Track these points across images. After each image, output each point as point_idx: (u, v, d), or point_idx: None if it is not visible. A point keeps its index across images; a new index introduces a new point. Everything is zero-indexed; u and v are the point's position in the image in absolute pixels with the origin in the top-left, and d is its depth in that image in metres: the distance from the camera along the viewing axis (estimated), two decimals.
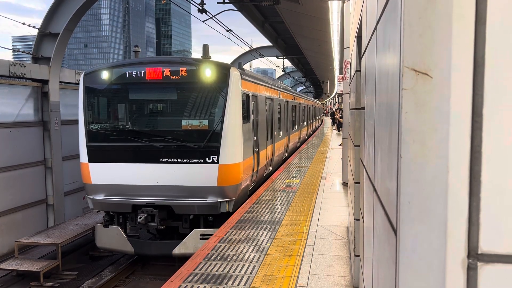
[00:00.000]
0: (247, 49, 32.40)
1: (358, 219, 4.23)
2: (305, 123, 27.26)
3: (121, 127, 9.38)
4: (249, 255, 6.03)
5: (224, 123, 8.50)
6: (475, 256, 1.03)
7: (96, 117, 9.42)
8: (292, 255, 6.03)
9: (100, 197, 9.08)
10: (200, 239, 8.39)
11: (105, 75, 9.15)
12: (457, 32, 1.01)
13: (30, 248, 10.68)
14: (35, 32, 12.94)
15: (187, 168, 8.60)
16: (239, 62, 12.20)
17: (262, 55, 35.67)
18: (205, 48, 10.19)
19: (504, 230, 1.01)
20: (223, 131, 8.49)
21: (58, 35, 12.60)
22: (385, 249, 1.59)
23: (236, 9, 17.28)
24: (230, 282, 5.13)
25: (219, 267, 5.62)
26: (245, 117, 9.52)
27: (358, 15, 3.92)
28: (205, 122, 8.75)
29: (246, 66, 35.25)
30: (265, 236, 6.90)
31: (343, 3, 11.00)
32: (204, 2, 13.75)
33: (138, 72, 8.94)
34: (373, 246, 2.16)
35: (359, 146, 4.31)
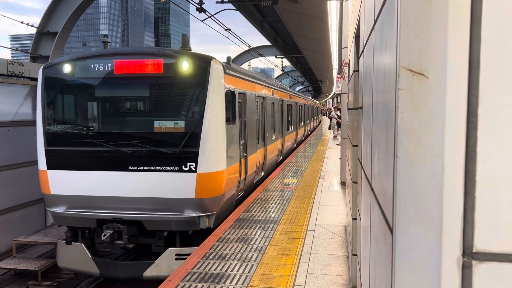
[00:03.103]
0: (246, 48, 32.41)
1: (356, 219, 4.24)
2: (302, 123, 25.88)
3: (84, 129, 8.08)
4: (247, 254, 6.04)
5: (203, 125, 7.30)
6: (470, 255, 1.04)
7: (56, 117, 8.13)
8: (290, 254, 6.04)
9: (61, 210, 7.86)
10: (176, 259, 7.33)
11: (67, 68, 7.93)
12: (452, 33, 1.02)
13: (28, 247, 10.68)
14: (33, 30, 12.95)
15: (160, 177, 7.42)
16: (228, 56, 11.15)
17: (260, 55, 35.68)
18: (184, 38, 9.01)
19: (499, 229, 1.02)
20: (202, 133, 7.29)
21: (57, 34, 12.60)
22: (381, 248, 1.60)
23: (235, 8, 17.28)
24: (228, 281, 5.14)
25: (217, 266, 5.63)
26: (230, 118, 8.43)
27: (356, 15, 3.93)
28: (181, 124, 7.53)
29: (245, 66, 35.21)
30: (263, 235, 6.91)
31: (341, 3, 11.01)
32: (203, 1, 13.75)
33: (105, 65, 7.76)
34: (370, 245, 2.18)
35: (357, 145, 4.32)
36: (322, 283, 5.11)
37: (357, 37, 4.09)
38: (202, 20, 14.86)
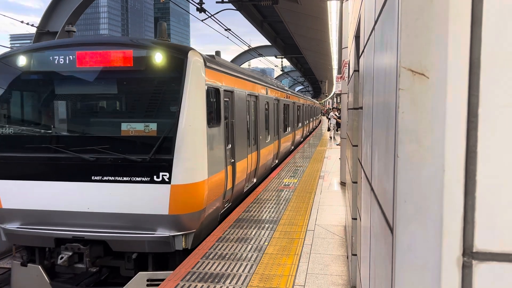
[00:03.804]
0: (246, 48, 32.43)
1: (356, 218, 4.24)
2: (300, 124, 24.58)
3: (40, 131, 6.91)
4: (247, 254, 6.04)
5: (179, 127, 6.17)
6: (470, 255, 1.04)
7: (6, 117, 6.97)
8: (289, 254, 6.04)
9: (14, 226, 6.74)
10: (147, 285, 6.35)
11: (22, 61, 6.81)
12: (453, 33, 1.02)
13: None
14: (33, 30, 12.97)
15: (128, 190, 6.29)
16: (216, 50, 10.07)
17: (260, 55, 35.71)
18: (161, 27, 7.66)
19: (499, 228, 1.03)
20: (177, 138, 6.17)
21: (57, 33, 12.60)
22: (381, 248, 1.60)
23: (235, 8, 17.29)
24: (228, 281, 5.14)
25: (217, 266, 5.63)
26: (213, 119, 7.38)
27: (356, 15, 3.93)
28: (153, 126, 6.41)
29: (245, 66, 35.19)
30: (263, 235, 6.91)
31: (341, 3, 11.01)
32: (203, 1, 13.75)
33: (66, 57, 6.63)
34: (370, 245, 2.18)
35: (357, 145, 4.32)
36: (322, 283, 5.11)
37: (357, 37, 4.09)
38: (202, 20, 14.86)
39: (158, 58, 6.42)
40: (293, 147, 21.06)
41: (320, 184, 11.41)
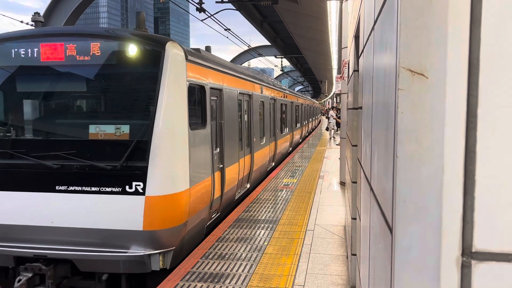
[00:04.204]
0: (246, 48, 32.45)
1: (355, 218, 4.25)
2: (298, 125, 23.64)
3: None
4: (247, 254, 6.04)
5: (154, 130, 5.45)
6: (469, 255, 1.04)
7: None
8: (289, 254, 6.04)
9: None
10: None
11: None
12: (452, 34, 1.02)
13: None
14: None
15: (97, 201, 5.55)
16: (206, 46, 9.36)
17: (260, 55, 35.73)
18: (139, 17, 6.76)
19: (498, 228, 1.03)
20: (153, 142, 5.43)
21: None
22: (381, 247, 1.60)
23: (235, 8, 17.29)
24: (228, 281, 5.14)
25: (217, 265, 5.63)
26: (197, 120, 6.62)
27: (356, 15, 3.93)
28: (125, 129, 5.64)
29: (244, 65, 35.23)
30: (262, 235, 6.91)
31: (341, 3, 11.01)
32: (203, 1, 13.75)
33: (30, 49, 5.88)
34: (369, 245, 2.18)
35: (356, 145, 4.33)
36: (321, 282, 5.11)
37: (356, 37, 4.10)
38: (202, 20, 14.86)
39: (132, 50, 5.69)
40: (291, 149, 20.35)
41: (320, 184, 11.41)
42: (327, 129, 29.33)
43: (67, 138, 5.92)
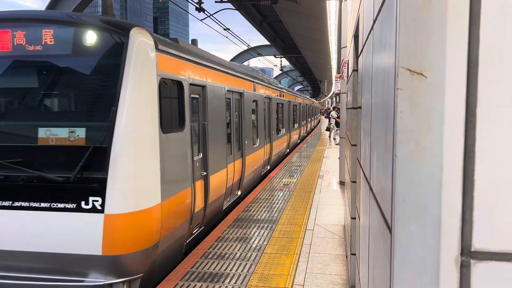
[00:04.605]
0: (245, 48, 32.45)
1: (355, 218, 4.25)
2: (296, 125, 22.62)
3: None
4: (246, 254, 6.04)
5: (116, 134, 4.56)
6: (468, 254, 1.04)
7: None
8: (289, 253, 6.04)
9: None
10: None
11: None
12: (451, 33, 1.02)
13: None
14: None
15: (47, 220, 4.64)
16: (193, 39, 8.72)
17: (260, 54, 35.74)
18: (106, 2, 5.82)
19: (497, 228, 1.03)
20: (113, 148, 4.55)
21: None
22: (380, 247, 1.60)
23: (234, 8, 17.29)
24: (227, 281, 5.14)
25: (216, 265, 5.64)
26: (172, 121, 5.66)
27: (355, 14, 3.94)
28: (81, 132, 4.75)
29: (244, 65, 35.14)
30: (262, 235, 6.91)
31: (340, 2, 11.01)
32: (202, 1, 13.75)
33: None
34: (369, 244, 2.18)
35: (355, 145, 4.33)
36: (321, 282, 5.12)
37: (356, 36, 4.10)
38: (201, 20, 14.86)
39: (90, 38, 4.84)
40: (288, 150, 19.36)
41: (319, 184, 11.41)
42: (327, 129, 28.74)
43: (11, 143, 4.91)
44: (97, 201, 4.57)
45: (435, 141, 1.07)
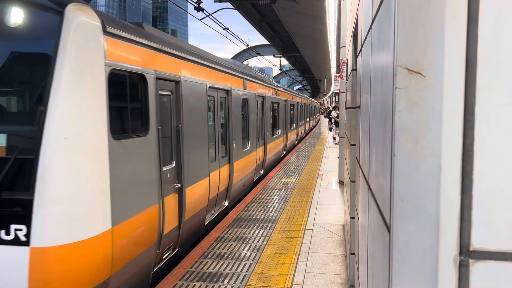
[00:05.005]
0: (244, 47, 32.43)
1: (354, 217, 4.25)
2: (294, 125, 21.50)
3: None
4: (245, 254, 6.04)
5: (44, 141, 3.56)
6: (467, 253, 1.04)
7: None
8: (288, 253, 6.04)
9: None
10: None
11: None
12: (449, 32, 1.02)
13: None
14: None
15: None
16: (172, 29, 7.97)
17: (259, 54, 35.72)
18: None
19: (496, 227, 1.03)
20: (41, 160, 3.54)
21: None
22: (379, 246, 1.60)
23: (233, 7, 17.28)
24: (226, 280, 5.14)
25: (216, 265, 5.63)
26: (131, 124, 4.62)
27: (354, 14, 3.93)
28: (0, 139, 3.73)
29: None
30: (261, 235, 6.91)
31: (339, 2, 11.01)
32: (201, 0, 13.74)
33: None
34: (368, 244, 2.18)
35: (355, 144, 4.33)
36: (320, 282, 5.12)
37: (355, 36, 4.09)
38: (200, 19, 14.84)
39: (15, 16, 3.80)
40: (285, 152, 18.25)
41: (319, 183, 11.41)
42: (330, 129, 28.26)
43: None
44: (20, 230, 3.51)
45: (433, 140, 1.06)
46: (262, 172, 12.76)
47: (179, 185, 5.95)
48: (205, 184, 7.09)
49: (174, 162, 5.93)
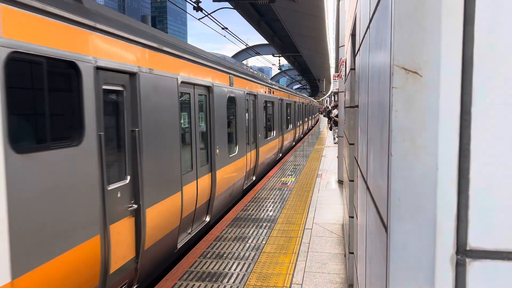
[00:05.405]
0: (243, 47, 32.42)
1: (353, 217, 4.25)
2: (291, 126, 20.11)
3: None
4: (245, 253, 6.04)
5: None
6: (463, 253, 1.04)
7: None
8: (287, 252, 6.05)
9: None
10: None
11: None
12: (446, 32, 1.02)
13: None
14: None
15: None
16: (142, 15, 6.98)
17: (258, 53, 35.73)
18: None
19: (492, 226, 1.03)
20: None
21: None
22: (376, 246, 1.60)
23: (232, 7, 17.28)
24: (226, 280, 5.15)
25: (215, 265, 5.63)
26: (50, 131, 3.46)
27: (352, 13, 3.93)
28: None
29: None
30: (260, 234, 6.92)
31: (338, 1, 11.01)
32: (200, 0, 13.73)
33: None
34: (366, 243, 2.18)
35: (353, 144, 4.33)
36: (319, 281, 5.12)
37: (353, 35, 4.09)
38: (199, 19, 14.84)
39: None
40: (281, 155, 16.99)
41: (318, 183, 11.42)
42: (331, 128, 28.05)
43: None
44: None
45: (430, 139, 1.07)
46: (254, 178, 11.55)
47: (135, 206, 4.74)
48: (176, 201, 5.84)
49: (129, 177, 4.69)
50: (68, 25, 3.67)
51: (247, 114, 10.75)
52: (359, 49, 2.99)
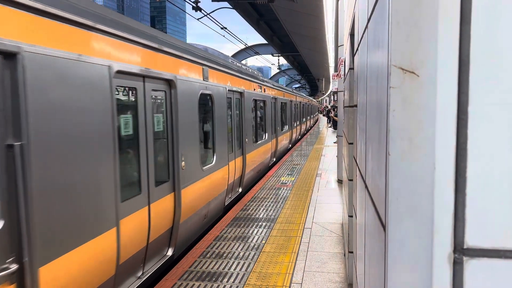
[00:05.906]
0: (243, 47, 32.42)
1: (352, 216, 4.26)
2: (286, 127, 18.65)
3: None
4: (244, 253, 6.05)
5: None
6: (461, 251, 1.05)
7: None
8: (287, 252, 6.05)
9: None
10: None
11: None
12: (442, 32, 1.03)
13: None
14: None
15: None
16: None
17: (257, 53, 35.73)
18: None
19: (489, 225, 1.04)
20: None
21: None
22: (375, 245, 1.61)
23: (231, 7, 17.28)
24: (225, 279, 5.15)
25: (214, 264, 5.64)
26: None
27: (351, 13, 3.94)
28: None
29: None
30: (260, 234, 6.92)
31: (337, 0, 11.02)
32: (199, 0, 13.73)
33: None
34: (365, 242, 2.19)
35: (352, 143, 4.34)
36: (319, 280, 5.13)
37: (352, 35, 4.10)
38: (198, 19, 14.84)
39: None
40: (275, 159, 15.32)
41: (318, 182, 11.42)
42: (331, 126, 27.69)
43: None
44: None
45: (427, 139, 1.07)
46: (239, 190, 9.84)
47: (15, 266, 2.95)
48: (106, 242, 4.04)
49: (2, 221, 2.88)
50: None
51: (229, 116, 9.08)
52: (357, 49, 2.99)
